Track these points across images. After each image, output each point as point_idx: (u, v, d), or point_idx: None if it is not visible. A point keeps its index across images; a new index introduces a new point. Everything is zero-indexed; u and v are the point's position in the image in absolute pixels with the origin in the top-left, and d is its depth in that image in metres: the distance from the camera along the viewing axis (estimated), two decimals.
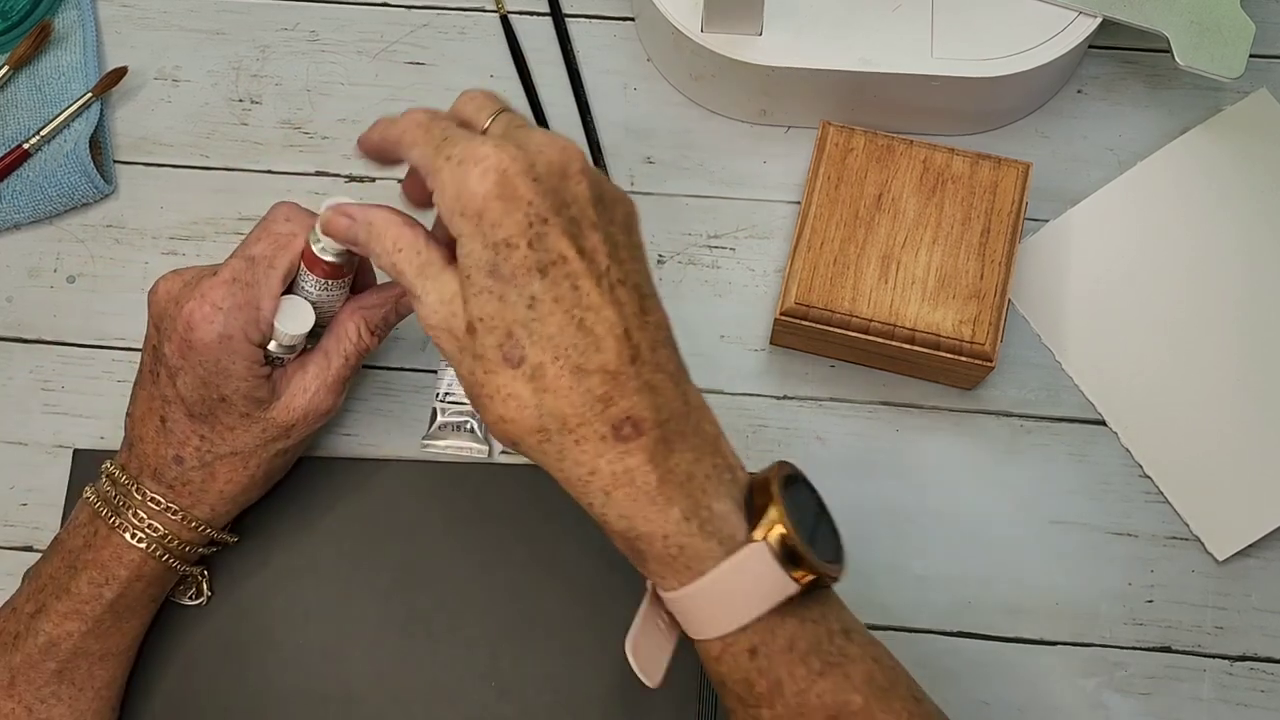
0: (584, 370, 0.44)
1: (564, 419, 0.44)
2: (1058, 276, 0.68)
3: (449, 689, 0.60)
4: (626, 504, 0.44)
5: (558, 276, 0.44)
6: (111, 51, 0.74)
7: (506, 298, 0.44)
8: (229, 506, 0.58)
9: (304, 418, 0.57)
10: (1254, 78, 0.70)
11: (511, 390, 0.44)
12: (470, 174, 0.44)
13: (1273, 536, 0.63)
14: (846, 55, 0.66)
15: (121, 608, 0.56)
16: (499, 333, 0.44)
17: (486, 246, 0.44)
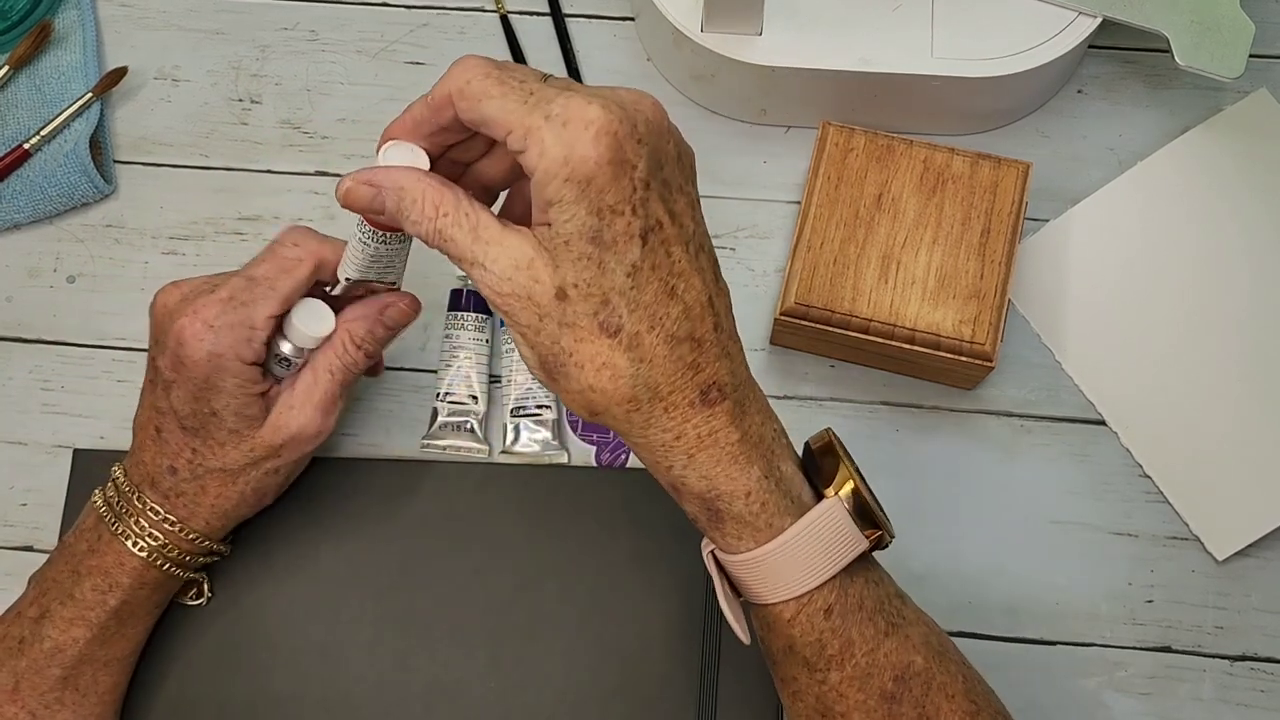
0: (676, 339, 0.44)
1: (656, 387, 0.44)
2: (1058, 276, 0.68)
3: (449, 689, 0.60)
4: (709, 465, 0.45)
5: (655, 244, 0.43)
6: (111, 51, 0.74)
7: (606, 265, 0.43)
8: (223, 520, 0.58)
9: (292, 439, 0.56)
10: (1254, 77, 0.70)
11: (607, 359, 0.43)
12: (581, 136, 0.41)
13: (1272, 536, 0.63)
14: (846, 55, 0.66)
15: (125, 614, 0.57)
16: (595, 300, 0.43)
17: (592, 212, 0.42)
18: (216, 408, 0.54)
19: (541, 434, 0.65)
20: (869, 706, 0.47)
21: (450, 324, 0.66)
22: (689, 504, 0.46)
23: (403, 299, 0.56)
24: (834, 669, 0.47)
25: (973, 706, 0.48)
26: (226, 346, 0.53)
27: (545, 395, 0.65)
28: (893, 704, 0.47)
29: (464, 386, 0.65)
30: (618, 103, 0.42)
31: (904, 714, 0.47)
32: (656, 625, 0.61)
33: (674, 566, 0.62)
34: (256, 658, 0.61)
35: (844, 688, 0.47)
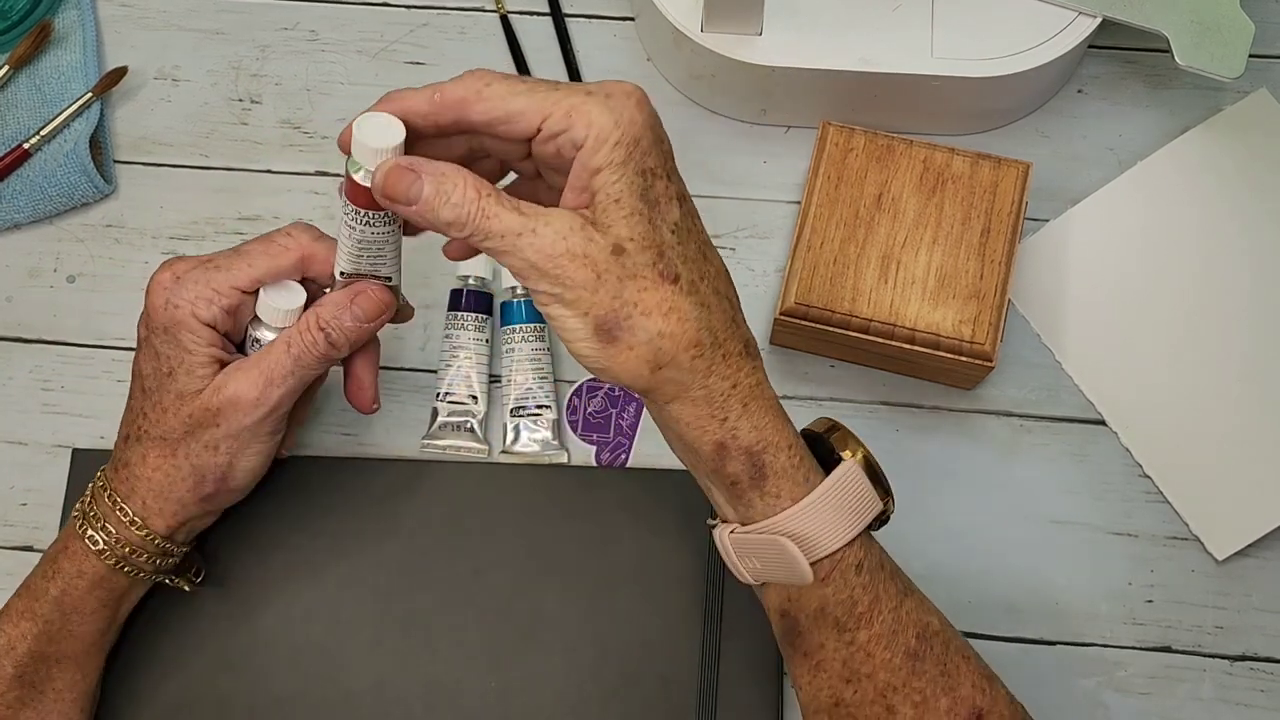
0: (719, 293, 0.48)
1: (716, 333, 0.47)
2: (1058, 276, 0.68)
3: (449, 689, 0.60)
4: (761, 414, 0.48)
5: (687, 209, 0.48)
6: (111, 51, 0.74)
7: (654, 221, 0.46)
8: (161, 503, 0.55)
9: (228, 403, 0.53)
10: (1254, 77, 0.70)
11: (674, 304, 0.46)
12: (626, 104, 0.45)
13: (1272, 536, 0.63)
14: (846, 55, 0.66)
15: (67, 606, 0.55)
16: (651, 252, 0.45)
17: (639, 173, 0.45)
18: (173, 365, 0.54)
19: (541, 434, 0.65)
20: (894, 665, 0.48)
21: (450, 324, 0.66)
22: (735, 462, 0.48)
23: (376, 290, 0.53)
24: (863, 627, 0.48)
25: (985, 669, 0.50)
26: (185, 300, 0.53)
27: (545, 395, 0.65)
28: (916, 661, 0.48)
29: (464, 386, 0.65)
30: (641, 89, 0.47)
31: (926, 671, 0.48)
32: (656, 625, 0.61)
33: (674, 566, 0.62)
34: (256, 658, 0.61)
35: (872, 646, 0.48)
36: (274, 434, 0.56)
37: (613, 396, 0.66)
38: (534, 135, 0.46)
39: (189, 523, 0.57)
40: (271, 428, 0.56)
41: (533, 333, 0.65)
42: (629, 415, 0.66)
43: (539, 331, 0.65)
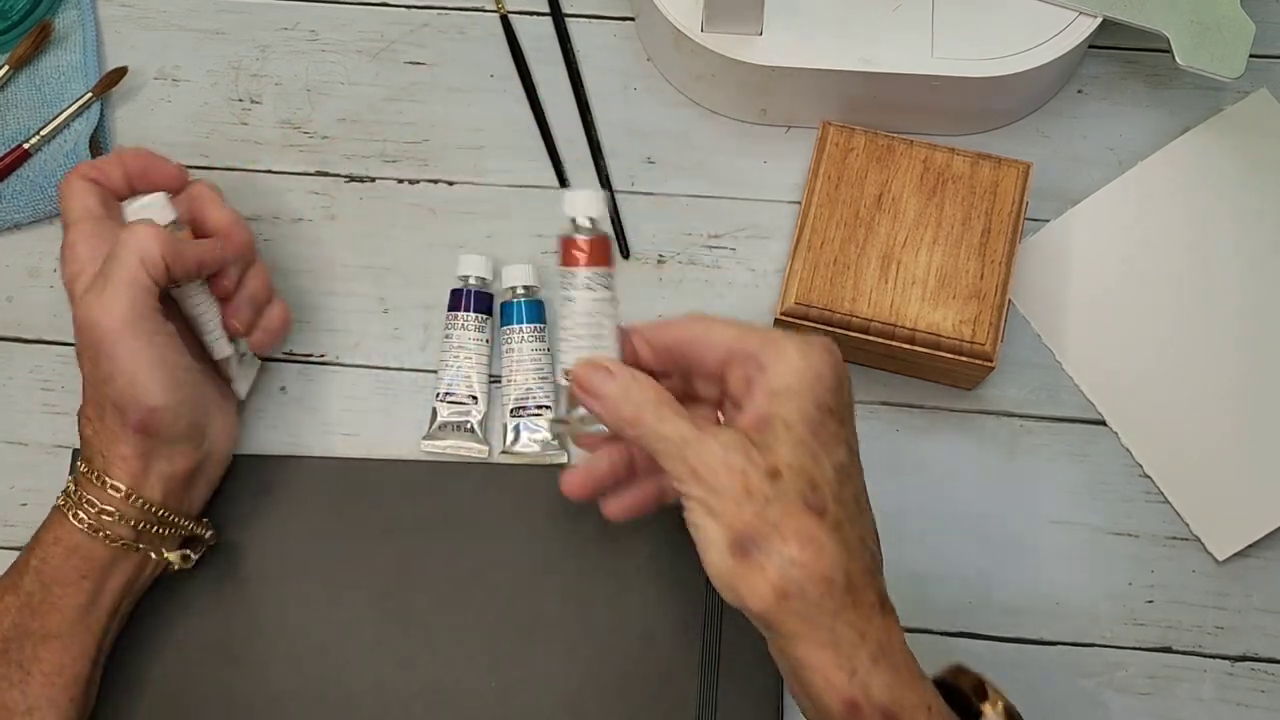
0: (864, 543, 0.47)
1: (850, 576, 0.46)
2: (1058, 276, 0.68)
3: (449, 689, 0.60)
4: (891, 671, 0.46)
5: (853, 458, 0.49)
6: (111, 51, 0.74)
7: (818, 456, 0.47)
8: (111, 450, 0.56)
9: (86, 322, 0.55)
10: (1254, 78, 0.70)
11: (813, 534, 0.46)
12: (818, 351, 0.48)
13: (1273, 536, 0.63)
14: (846, 55, 0.66)
15: (47, 576, 0.56)
16: (805, 482, 0.46)
17: (815, 405, 0.47)
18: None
19: (541, 434, 0.65)
20: None
21: (450, 324, 0.66)
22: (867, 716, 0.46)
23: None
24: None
25: None
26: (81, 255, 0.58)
27: (545, 395, 0.65)
28: None
29: (464, 386, 0.65)
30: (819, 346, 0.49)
31: None
32: (656, 625, 0.61)
33: (674, 566, 0.62)
34: (257, 657, 0.61)
35: None
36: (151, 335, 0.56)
37: None
38: (720, 366, 0.50)
39: (151, 466, 0.57)
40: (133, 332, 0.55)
41: (532, 333, 0.65)
42: None
43: (539, 332, 0.65)
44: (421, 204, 0.71)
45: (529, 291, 0.66)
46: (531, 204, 0.71)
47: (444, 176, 0.71)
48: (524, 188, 0.71)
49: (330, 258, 0.70)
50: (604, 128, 0.72)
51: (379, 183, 0.71)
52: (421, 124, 0.72)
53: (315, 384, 0.67)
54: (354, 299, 0.69)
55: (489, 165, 0.71)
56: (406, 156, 0.72)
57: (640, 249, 0.70)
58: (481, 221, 0.70)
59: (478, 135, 0.72)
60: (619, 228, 0.70)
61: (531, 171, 0.71)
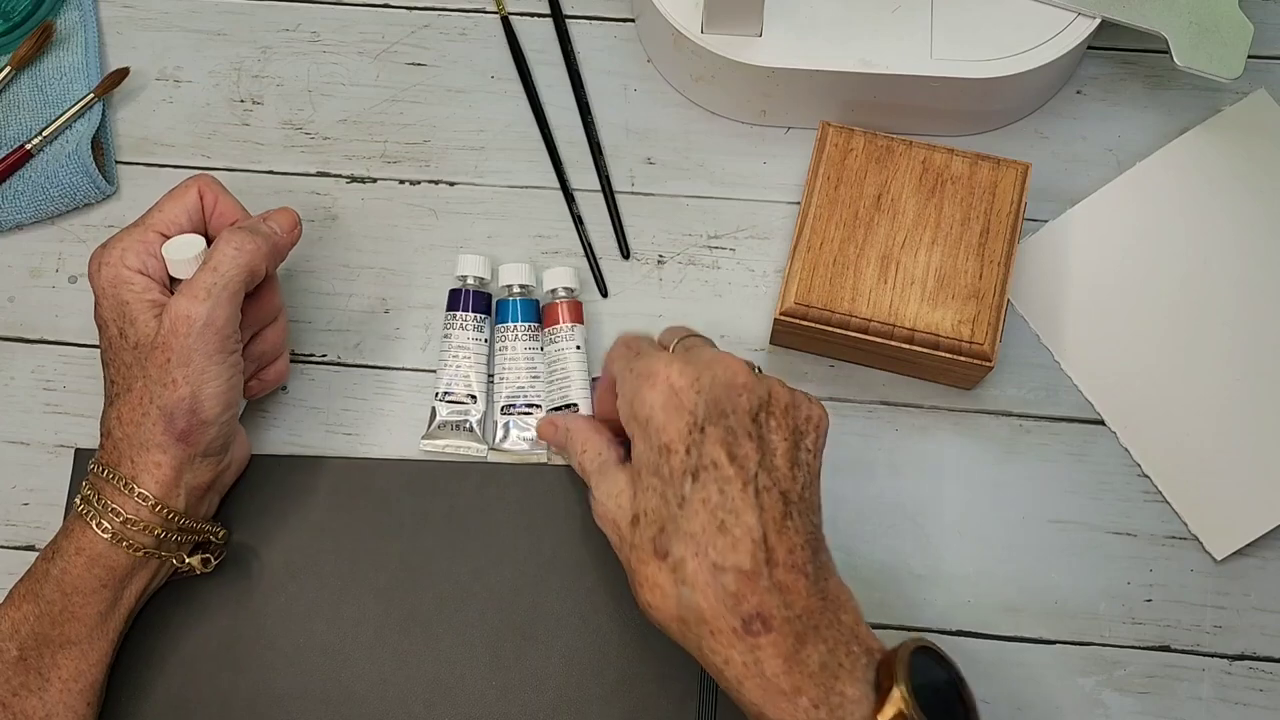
0: (719, 568, 0.47)
1: (700, 611, 0.48)
2: (1057, 277, 0.68)
3: (449, 688, 0.60)
4: (756, 693, 0.47)
5: (707, 480, 0.48)
6: (113, 52, 0.75)
7: (665, 495, 0.49)
8: (144, 457, 0.56)
9: (170, 330, 0.55)
10: (1253, 78, 0.70)
11: (658, 580, 0.49)
12: (643, 385, 0.50)
13: (1271, 536, 0.63)
14: (846, 56, 0.66)
15: (68, 585, 0.56)
16: (655, 526, 0.49)
17: (652, 449, 0.50)
18: (122, 325, 0.57)
19: (531, 432, 0.65)
20: None
21: (449, 324, 0.66)
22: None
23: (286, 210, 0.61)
24: None
25: None
26: (112, 257, 0.57)
27: (537, 394, 0.65)
28: None
29: (463, 386, 0.65)
30: (690, 361, 0.51)
31: None
32: None
33: None
34: (258, 656, 0.61)
35: None
36: (227, 354, 0.57)
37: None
38: None
39: (181, 477, 0.57)
40: (219, 345, 0.56)
41: (526, 331, 0.65)
42: None
43: (533, 331, 0.66)
44: (422, 204, 0.71)
45: (525, 290, 0.66)
46: (531, 204, 0.71)
47: (445, 177, 0.72)
48: (524, 188, 0.71)
49: (331, 258, 0.70)
50: (604, 128, 0.72)
51: (380, 183, 0.72)
52: (422, 125, 0.73)
53: (316, 383, 0.68)
54: (355, 299, 0.69)
55: (490, 166, 0.72)
56: (407, 157, 0.72)
57: (640, 249, 0.70)
58: (482, 222, 0.71)
59: (478, 136, 0.72)
60: (619, 228, 0.70)
61: (532, 172, 0.71)
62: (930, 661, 0.48)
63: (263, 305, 0.61)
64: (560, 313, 0.66)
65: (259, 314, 0.61)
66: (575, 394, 0.65)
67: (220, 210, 0.61)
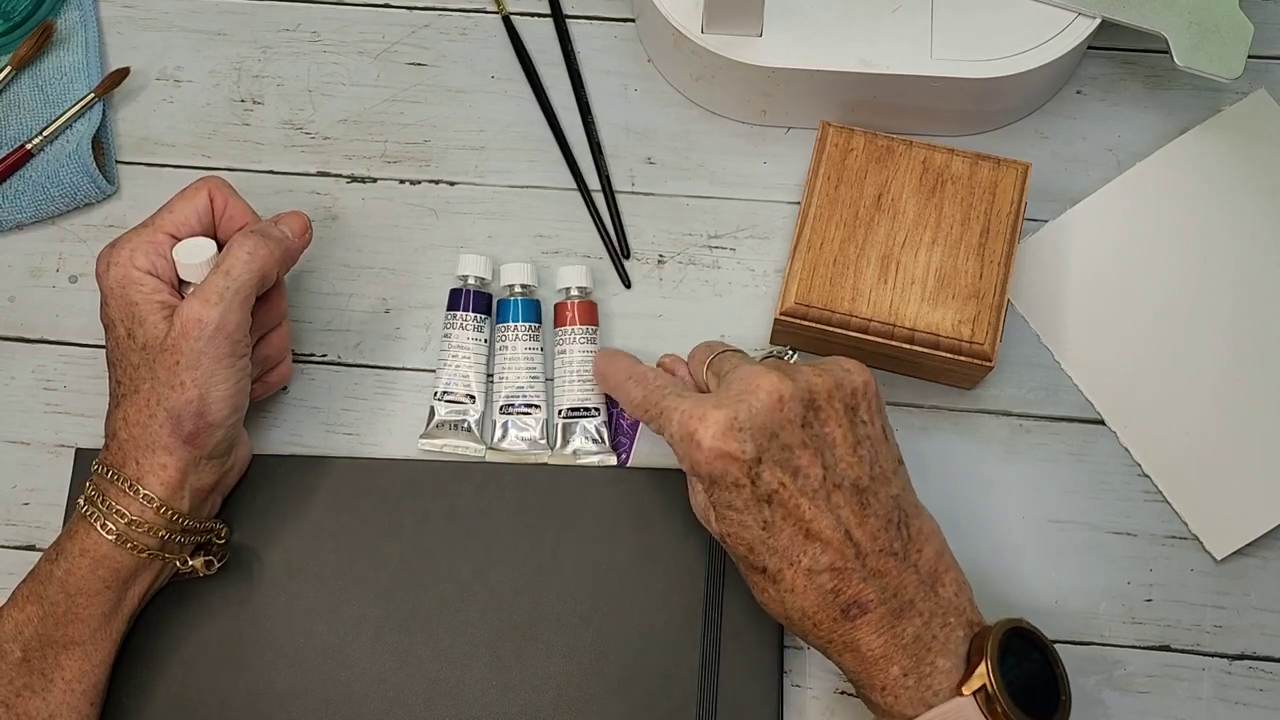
0: (813, 571, 0.52)
1: (804, 610, 0.52)
2: (1057, 277, 0.68)
3: (449, 688, 0.60)
4: (853, 664, 0.52)
5: (778, 501, 0.52)
6: (113, 52, 0.75)
7: (744, 523, 0.52)
8: (150, 459, 0.56)
9: (181, 333, 0.55)
10: (1253, 78, 0.70)
11: (763, 587, 0.53)
12: (690, 449, 0.52)
13: (1271, 535, 0.63)
14: (846, 56, 0.66)
15: (71, 587, 0.55)
16: (743, 547, 0.53)
17: (722, 488, 0.52)
18: (129, 325, 0.57)
19: (529, 432, 0.65)
20: None
21: (449, 324, 0.66)
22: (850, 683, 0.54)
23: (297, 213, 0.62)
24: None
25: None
26: (121, 257, 0.57)
27: (536, 395, 0.65)
28: None
29: (462, 385, 0.65)
30: (729, 399, 0.52)
31: None
32: (656, 625, 0.61)
33: (674, 566, 0.62)
34: (259, 656, 0.61)
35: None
36: (236, 358, 0.57)
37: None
38: None
39: (187, 479, 0.57)
40: (230, 349, 0.56)
41: (527, 331, 0.65)
42: (629, 415, 0.66)
43: (533, 331, 0.66)
44: (423, 204, 0.71)
45: (526, 290, 0.67)
46: (532, 204, 0.71)
47: (445, 177, 0.72)
48: (525, 188, 0.71)
49: (332, 258, 0.70)
50: (604, 128, 0.72)
51: (380, 183, 0.72)
52: (423, 125, 0.73)
53: (317, 383, 0.68)
54: (356, 299, 0.69)
55: (490, 166, 0.72)
56: (408, 157, 0.72)
57: (640, 249, 0.70)
58: (482, 222, 0.71)
59: (479, 136, 0.72)
60: (619, 228, 0.70)
61: (532, 172, 0.71)
62: (1026, 643, 0.52)
63: (269, 309, 0.61)
64: (570, 313, 0.66)
65: (265, 318, 0.61)
66: (592, 398, 0.65)
67: (230, 213, 0.60)
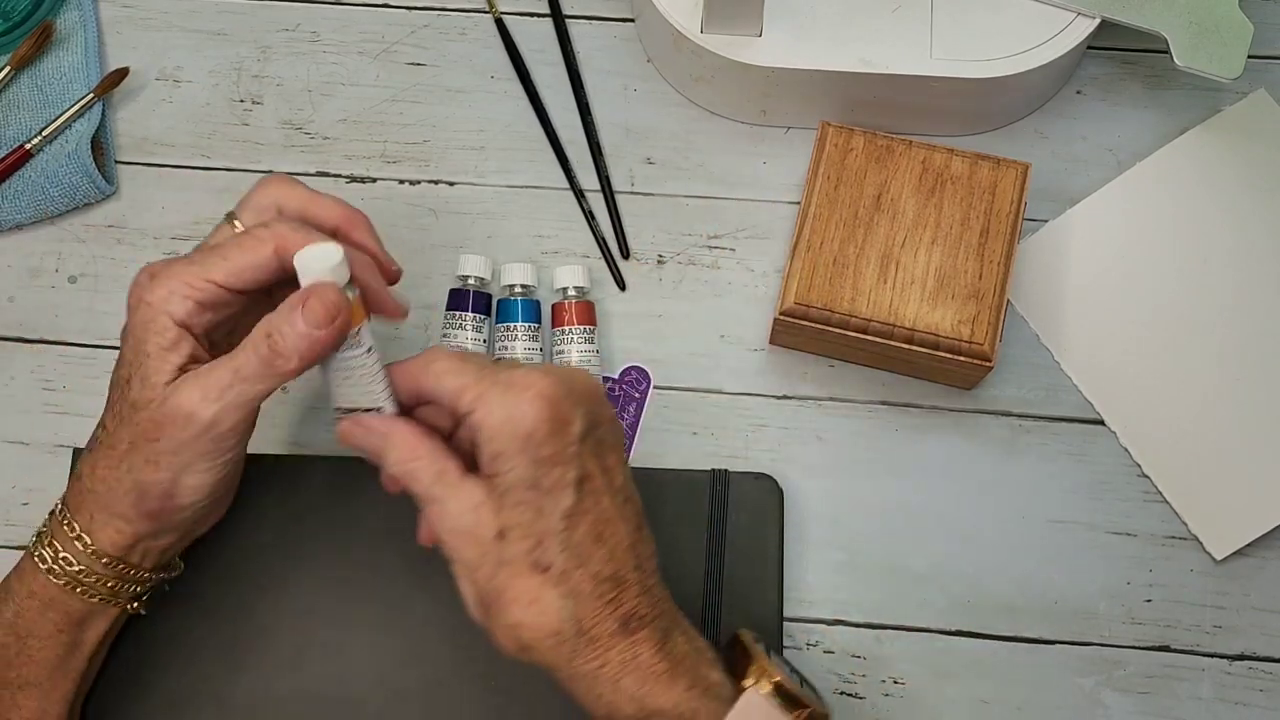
0: (600, 577, 0.49)
1: (580, 620, 0.48)
2: (1057, 277, 0.68)
3: (449, 688, 0.60)
4: (636, 686, 0.49)
5: (586, 492, 0.49)
6: (113, 52, 0.75)
7: (543, 509, 0.48)
8: (106, 516, 0.52)
9: (169, 417, 0.50)
10: (1252, 78, 0.70)
11: (536, 595, 0.48)
12: (522, 398, 0.48)
13: (1271, 536, 0.63)
14: (846, 56, 0.66)
15: (22, 629, 0.53)
16: (530, 540, 0.48)
17: (531, 463, 0.48)
18: (130, 373, 0.51)
19: None
20: None
21: (448, 324, 0.66)
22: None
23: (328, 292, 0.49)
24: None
25: None
26: (157, 297, 0.50)
27: None
28: None
29: None
30: (558, 374, 0.49)
31: None
32: None
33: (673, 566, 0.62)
34: (255, 655, 0.61)
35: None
36: (223, 454, 0.52)
37: (612, 396, 0.66)
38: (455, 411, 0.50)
39: (141, 542, 0.53)
40: (215, 447, 0.51)
41: (526, 332, 0.65)
42: (629, 415, 0.66)
43: (533, 331, 0.66)
44: (422, 204, 0.71)
45: (526, 290, 0.66)
46: (532, 204, 0.71)
47: (445, 177, 0.72)
48: (524, 188, 0.71)
49: None
50: (604, 128, 0.72)
51: (380, 183, 0.72)
52: (422, 125, 0.73)
53: (316, 383, 0.67)
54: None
55: (489, 166, 0.72)
56: (407, 157, 0.72)
57: (640, 249, 0.70)
58: (482, 222, 0.71)
59: (478, 136, 0.72)
60: (618, 228, 0.70)
61: (532, 172, 0.71)
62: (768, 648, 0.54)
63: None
64: (568, 313, 0.66)
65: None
66: None
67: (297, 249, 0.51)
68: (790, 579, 0.63)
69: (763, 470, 0.64)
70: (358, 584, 0.62)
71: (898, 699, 0.62)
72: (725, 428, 0.66)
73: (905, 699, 0.62)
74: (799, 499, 0.65)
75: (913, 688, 0.62)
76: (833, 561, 0.64)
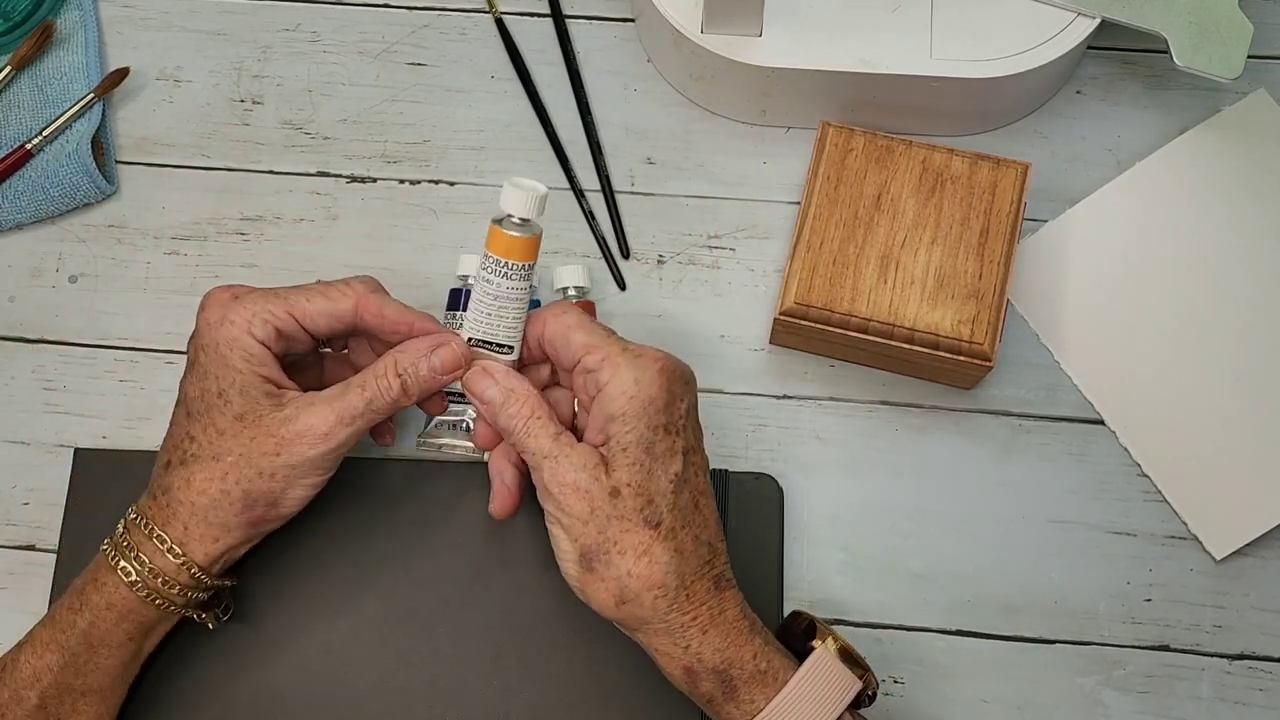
0: (700, 540, 0.53)
1: (683, 575, 0.52)
2: (1056, 276, 0.68)
3: (450, 688, 0.60)
4: (719, 637, 0.53)
5: (689, 462, 0.54)
6: (113, 52, 0.75)
7: (654, 472, 0.52)
8: (202, 528, 0.54)
9: (298, 435, 0.54)
10: (1252, 78, 0.70)
11: (648, 548, 0.52)
12: (649, 367, 0.53)
13: (1271, 535, 0.63)
14: (846, 56, 0.66)
15: (95, 639, 0.55)
16: (642, 499, 0.52)
17: (650, 428, 0.52)
18: (223, 386, 0.54)
19: None
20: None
21: (448, 324, 0.66)
22: (705, 682, 0.53)
23: (457, 344, 0.56)
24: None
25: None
26: (241, 317, 0.55)
27: None
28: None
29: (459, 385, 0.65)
30: (672, 355, 0.55)
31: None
32: None
33: None
34: (259, 656, 0.61)
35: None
36: (330, 469, 0.57)
37: None
38: (574, 366, 0.55)
39: (229, 551, 0.56)
40: (330, 463, 0.56)
41: None
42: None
43: None
44: (422, 204, 0.71)
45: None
46: None
47: (445, 177, 0.72)
48: None
49: (332, 258, 0.70)
50: (604, 128, 0.72)
51: (380, 183, 0.72)
52: (422, 125, 0.73)
53: None
54: None
55: (490, 166, 0.72)
56: (407, 157, 0.72)
57: (640, 249, 0.70)
58: (482, 222, 0.70)
59: (478, 136, 0.72)
60: (619, 228, 0.70)
61: (532, 172, 0.71)
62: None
63: None
64: None
65: None
66: None
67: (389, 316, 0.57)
68: (790, 579, 0.63)
69: (763, 470, 0.64)
70: (358, 582, 0.62)
71: (898, 699, 0.62)
72: (725, 427, 0.66)
73: (905, 699, 0.62)
74: (799, 499, 0.65)
75: (912, 688, 0.62)
76: (832, 561, 0.64)
